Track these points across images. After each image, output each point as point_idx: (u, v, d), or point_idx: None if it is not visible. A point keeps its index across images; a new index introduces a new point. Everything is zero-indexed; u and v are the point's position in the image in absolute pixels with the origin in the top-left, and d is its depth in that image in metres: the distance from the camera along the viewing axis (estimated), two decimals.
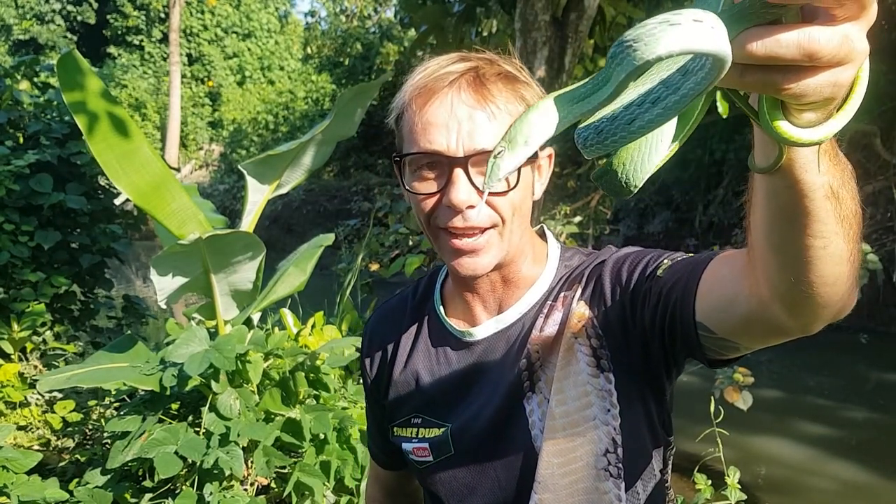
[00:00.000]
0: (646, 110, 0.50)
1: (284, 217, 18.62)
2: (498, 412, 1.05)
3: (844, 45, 0.45)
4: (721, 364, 0.90)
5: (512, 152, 0.57)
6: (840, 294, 0.68)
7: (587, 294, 1.03)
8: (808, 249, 0.63)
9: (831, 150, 0.59)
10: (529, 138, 0.57)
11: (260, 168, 3.19)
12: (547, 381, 1.02)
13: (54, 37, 30.54)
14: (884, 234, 8.82)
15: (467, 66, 1.00)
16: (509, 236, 1.02)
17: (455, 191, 0.97)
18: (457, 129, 0.97)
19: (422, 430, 1.13)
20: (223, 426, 2.38)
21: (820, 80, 0.46)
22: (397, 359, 1.18)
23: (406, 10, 6.76)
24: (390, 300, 1.28)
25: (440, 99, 0.98)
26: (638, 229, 12.29)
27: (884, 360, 8.00)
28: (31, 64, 4.79)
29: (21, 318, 4.10)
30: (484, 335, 1.09)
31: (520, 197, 1.01)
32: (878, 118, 8.23)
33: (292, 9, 50.04)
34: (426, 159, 1.00)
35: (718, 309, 0.82)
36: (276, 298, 3.14)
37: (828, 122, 0.52)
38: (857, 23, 0.45)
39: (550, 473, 0.99)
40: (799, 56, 0.44)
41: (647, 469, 1.02)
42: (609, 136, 0.53)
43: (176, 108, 24.82)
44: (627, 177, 0.61)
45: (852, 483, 4.69)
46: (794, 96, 0.47)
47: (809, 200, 0.60)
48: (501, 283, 1.09)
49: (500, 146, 0.58)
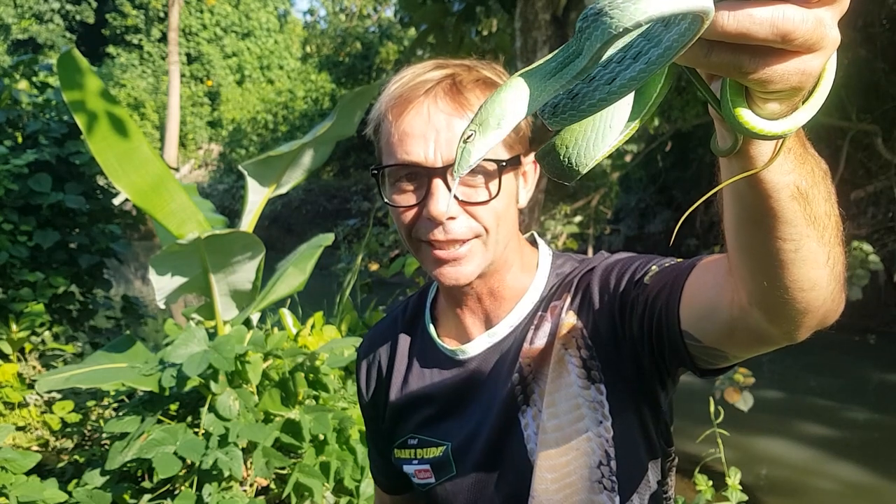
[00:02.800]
0: (627, 66, 0.45)
1: (284, 217, 18.61)
2: (495, 428, 1.03)
3: (818, 29, 0.42)
4: (712, 373, 0.87)
5: (483, 136, 0.53)
6: (821, 299, 0.65)
7: (576, 304, 1.01)
8: (777, 252, 0.61)
9: (798, 149, 0.56)
10: (502, 120, 0.52)
11: (260, 168, 3.18)
12: (540, 393, 1.00)
13: (53, 36, 30.51)
14: (885, 234, 8.82)
15: (444, 74, 0.98)
16: (494, 246, 1.00)
17: (434, 202, 0.95)
18: (434, 138, 0.95)
19: (419, 450, 1.11)
20: (222, 427, 2.37)
21: (788, 67, 0.44)
22: (392, 381, 1.16)
23: (406, 9, 6.75)
24: (381, 322, 1.26)
25: (416, 108, 0.96)
26: (638, 229, 12.29)
27: (885, 360, 8.00)
28: (29, 63, 4.78)
29: (20, 319, 4.09)
30: (477, 351, 1.07)
31: (503, 205, 0.99)
32: (879, 118, 8.22)
33: (291, 8, 50.06)
34: (404, 171, 0.98)
35: (702, 317, 0.81)
36: (275, 299, 3.13)
37: (792, 115, 0.49)
38: (831, 8, 0.43)
39: (545, 489, 0.98)
40: (771, 35, 0.41)
41: (643, 481, 1.00)
42: (586, 98, 0.47)
43: (175, 107, 24.79)
44: (570, 160, 0.57)
45: (854, 484, 4.69)
46: (760, 82, 0.45)
47: (774, 201, 0.57)
48: (488, 296, 1.06)
49: (471, 129, 0.53)
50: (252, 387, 2.63)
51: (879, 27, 8.10)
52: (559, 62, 0.49)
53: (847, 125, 7.21)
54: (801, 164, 0.57)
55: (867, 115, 8.26)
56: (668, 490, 1.05)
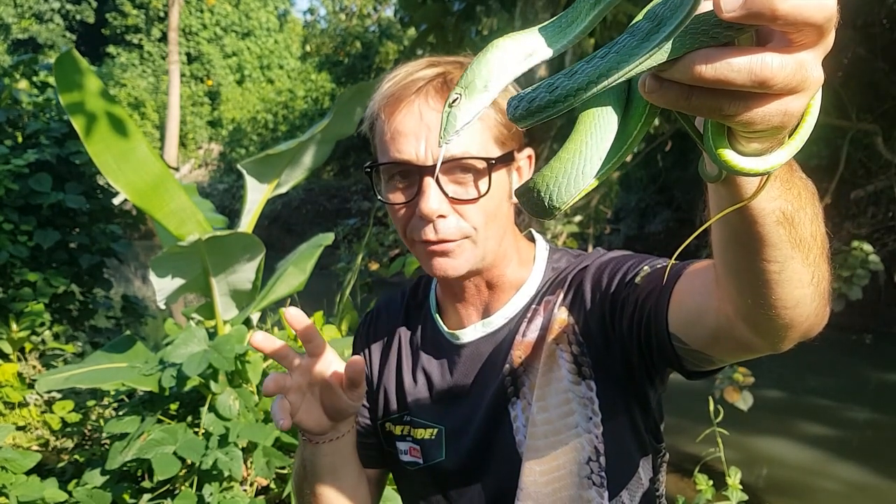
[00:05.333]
0: (609, 60, 0.44)
1: (284, 217, 18.61)
2: (485, 418, 1.04)
3: (798, 73, 0.42)
4: (700, 376, 0.89)
5: (469, 99, 0.50)
6: (804, 315, 0.66)
7: (569, 300, 1.02)
8: (763, 273, 0.62)
9: (785, 175, 0.56)
10: (489, 82, 0.50)
11: (259, 167, 3.18)
12: (530, 386, 1.01)
13: (53, 36, 30.49)
14: (885, 234, 8.82)
15: (435, 72, 0.99)
16: (484, 243, 1.01)
17: (425, 200, 0.96)
18: (425, 136, 0.96)
19: (414, 430, 1.12)
20: (222, 427, 2.37)
21: (769, 109, 0.43)
22: (390, 354, 1.18)
23: (405, 8, 6.73)
24: (392, 295, 1.27)
25: (408, 107, 0.97)
26: (639, 229, 12.28)
27: (885, 360, 8.00)
28: (29, 63, 4.78)
29: (20, 318, 4.09)
30: (471, 338, 1.08)
31: (494, 203, 1.00)
32: (879, 118, 8.22)
33: (291, 7, 50.04)
34: (397, 169, 0.99)
35: (689, 321, 0.82)
36: (275, 298, 3.13)
37: (775, 153, 0.49)
38: (814, 50, 0.43)
39: (533, 481, 0.98)
40: (749, 82, 0.41)
41: (634, 478, 1.01)
42: (566, 93, 0.46)
43: (175, 107, 24.78)
44: (551, 196, 0.55)
45: (854, 483, 4.69)
46: (741, 124, 0.45)
47: (760, 226, 0.58)
48: (486, 287, 1.07)
49: (456, 93, 0.51)
50: (252, 386, 2.62)
51: (879, 27, 8.09)
52: (556, 24, 0.48)
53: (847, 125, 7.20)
54: (788, 190, 0.57)
55: (867, 114, 8.25)
56: (660, 487, 1.06)
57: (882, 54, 8.01)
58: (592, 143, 0.54)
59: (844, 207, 9.03)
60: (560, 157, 0.55)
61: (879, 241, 8.51)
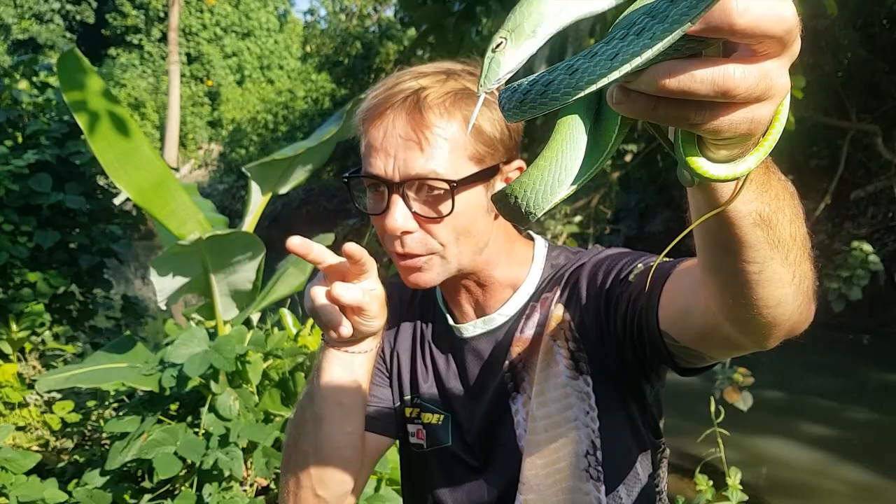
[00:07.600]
0: (629, 43, 0.43)
1: (284, 217, 18.59)
2: (488, 412, 1.06)
3: (762, 82, 0.43)
4: (692, 372, 0.90)
5: (515, 44, 0.47)
6: (787, 314, 0.67)
7: (565, 297, 1.04)
8: (742, 274, 0.63)
9: (761, 177, 0.57)
10: (539, 26, 0.46)
11: (264, 171, 3.19)
12: (530, 381, 1.03)
13: (53, 36, 30.50)
14: (885, 234, 8.82)
15: (413, 89, 0.98)
16: (456, 258, 1.01)
17: (390, 216, 0.97)
18: (393, 154, 0.97)
19: (423, 413, 1.13)
20: (222, 427, 2.37)
21: (736, 117, 0.44)
22: (404, 337, 1.18)
23: (406, 9, 6.74)
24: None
25: (382, 122, 0.98)
26: (639, 229, 12.27)
27: (886, 360, 7.98)
28: (29, 63, 4.78)
29: (20, 319, 4.09)
30: (472, 334, 1.10)
31: (467, 220, 0.99)
32: (879, 118, 8.22)
33: (291, 8, 50.02)
34: (370, 181, 1.01)
35: (678, 319, 0.83)
36: (275, 298, 3.13)
37: (745, 159, 0.49)
38: (779, 59, 0.43)
39: (534, 474, 1.00)
40: (712, 92, 0.42)
41: (631, 473, 1.02)
42: (586, 74, 0.43)
43: (175, 107, 24.79)
44: (528, 202, 0.55)
45: (854, 483, 4.69)
46: (709, 132, 0.45)
47: (737, 229, 0.59)
48: (477, 286, 1.08)
49: (501, 37, 0.47)
50: (252, 387, 2.62)
51: (879, 27, 8.10)
52: None
53: (847, 125, 7.21)
54: (765, 192, 0.58)
55: (867, 115, 8.26)
56: (660, 483, 1.07)
57: (882, 54, 8.01)
58: (569, 151, 0.54)
59: (844, 207, 9.02)
60: (537, 165, 0.55)
61: (879, 241, 8.51)
